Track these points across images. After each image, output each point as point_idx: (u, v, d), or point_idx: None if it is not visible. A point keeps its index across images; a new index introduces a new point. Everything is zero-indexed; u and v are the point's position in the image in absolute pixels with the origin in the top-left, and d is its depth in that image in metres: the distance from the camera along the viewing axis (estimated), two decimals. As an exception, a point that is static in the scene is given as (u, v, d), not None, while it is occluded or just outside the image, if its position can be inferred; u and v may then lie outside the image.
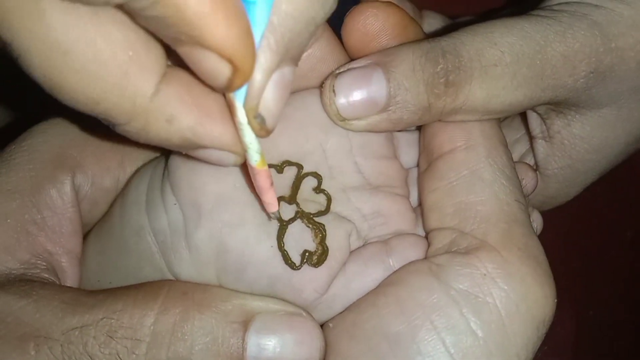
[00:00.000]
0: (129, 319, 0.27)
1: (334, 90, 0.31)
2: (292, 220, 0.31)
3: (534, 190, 0.37)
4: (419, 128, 0.35)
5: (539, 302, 0.28)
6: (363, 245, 0.32)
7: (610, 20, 0.32)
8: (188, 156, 0.30)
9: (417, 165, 0.35)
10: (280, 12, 0.23)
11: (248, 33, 0.21)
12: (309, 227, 0.31)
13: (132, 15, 0.21)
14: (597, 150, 0.37)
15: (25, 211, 0.31)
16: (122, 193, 0.34)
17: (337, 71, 0.32)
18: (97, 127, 0.34)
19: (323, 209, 0.31)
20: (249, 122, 0.24)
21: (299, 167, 0.31)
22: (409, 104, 0.31)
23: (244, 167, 0.28)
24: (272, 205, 0.29)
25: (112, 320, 0.27)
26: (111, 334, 0.27)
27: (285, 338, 0.28)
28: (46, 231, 0.32)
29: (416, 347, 0.28)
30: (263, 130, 0.25)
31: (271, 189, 0.28)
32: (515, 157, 0.41)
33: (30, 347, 0.27)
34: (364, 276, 0.31)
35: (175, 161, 0.31)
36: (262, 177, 0.27)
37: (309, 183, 0.32)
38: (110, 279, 0.33)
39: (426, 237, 0.33)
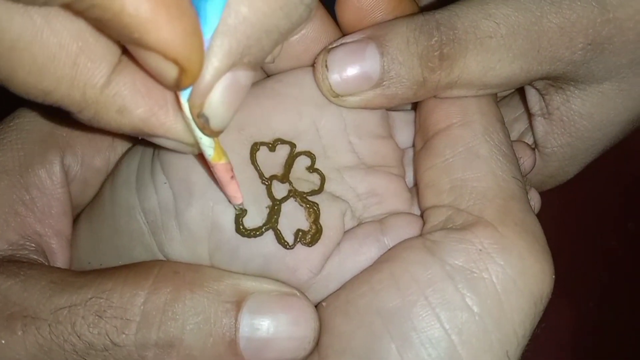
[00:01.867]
0: (118, 299, 0.27)
1: (326, 66, 0.30)
2: (285, 199, 0.30)
3: (532, 169, 0.37)
4: (415, 107, 0.34)
5: (536, 277, 0.28)
6: (357, 224, 0.32)
7: None
8: None
9: (413, 145, 0.34)
10: (238, 15, 0.22)
11: (194, 33, 0.21)
12: (302, 206, 0.30)
13: (76, 14, 0.21)
14: (597, 128, 0.36)
15: (13, 191, 0.31)
16: (112, 173, 0.33)
17: (330, 46, 0.31)
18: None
19: (317, 189, 0.31)
20: (194, 121, 0.24)
21: (292, 145, 0.31)
22: (403, 78, 0.30)
23: (205, 162, 0.27)
24: (236, 198, 0.28)
25: (102, 300, 0.27)
26: (100, 314, 0.26)
27: (279, 318, 0.28)
28: (35, 212, 0.31)
29: (410, 323, 0.27)
30: (207, 130, 0.24)
31: (232, 181, 0.27)
32: (514, 136, 0.41)
33: (18, 327, 0.26)
34: (359, 255, 0.30)
35: None
36: (219, 171, 0.27)
37: (302, 162, 0.31)
38: (101, 260, 0.32)
39: (422, 216, 0.32)
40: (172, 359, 0.27)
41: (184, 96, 0.23)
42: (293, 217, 0.30)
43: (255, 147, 0.30)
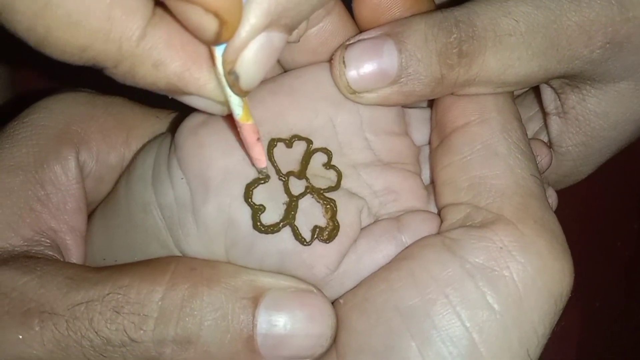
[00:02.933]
0: (136, 295, 0.27)
1: (344, 62, 0.30)
2: (302, 195, 0.30)
3: (548, 167, 0.37)
4: (431, 104, 0.34)
5: (556, 276, 0.28)
6: (374, 222, 0.32)
7: None
8: (194, 129, 0.30)
9: (429, 142, 0.34)
10: None
11: None
12: (319, 202, 0.30)
13: None
14: (612, 127, 0.36)
15: (28, 187, 0.30)
16: (127, 169, 0.33)
17: (347, 42, 0.31)
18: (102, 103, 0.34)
19: (333, 185, 0.31)
20: (225, 77, 0.24)
21: (309, 142, 0.31)
22: (421, 75, 0.30)
23: (233, 123, 0.28)
24: (260, 161, 0.28)
25: (119, 296, 0.27)
26: (118, 310, 0.26)
27: (296, 315, 0.28)
28: (50, 208, 0.31)
29: (431, 321, 0.27)
30: (236, 88, 0.24)
31: (258, 143, 0.27)
32: (529, 135, 0.41)
33: (35, 323, 0.26)
34: (375, 252, 0.30)
35: (182, 135, 0.30)
36: (247, 131, 0.27)
37: (318, 159, 0.31)
38: (116, 256, 0.32)
39: (439, 214, 0.32)
40: (189, 355, 0.27)
41: (218, 51, 0.23)
42: (310, 214, 0.30)
43: (272, 143, 0.30)
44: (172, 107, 0.35)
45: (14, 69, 0.50)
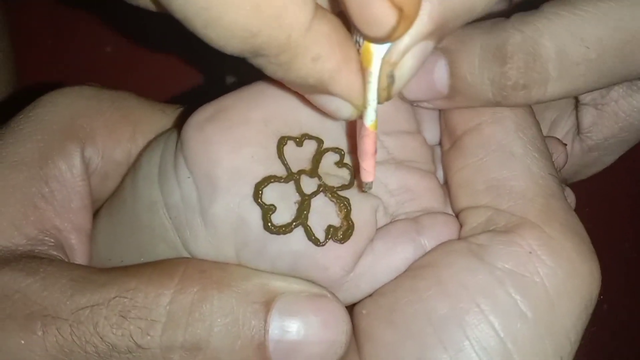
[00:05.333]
0: (143, 298, 0.26)
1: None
2: (315, 194, 0.29)
3: (564, 166, 0.35)
4: None
5: (585, 279, 0.27)
6: (391, 222, 0.31)
7: None
8: (201, 126, 0.29)
9: (440, 144, 0.33)
10: None
11: None
12: (332, 201, 0.29)
13: None
14: None
15: (32, 184, 0.29)
16: (133, 166, 0.32)
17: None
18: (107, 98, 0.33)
19: (347, 183, 0.30)
20: (380, 77, 0.24)
21: (319, 141, 0.30)
22: (473, 98, 0.29)
23: (352, 129, 0.28)
24: (369, 174, 0.27)
25: (125, 300, 0.26)
26: (124, 314, 0.25)
27: (310, 320, 0.26)
28: (54, 205, 0.30)
29: (463, 331, 0.26)
30: (386, 92, 0.25)
31: (374, 156, 0.27)
32: (546, 124, 0.39)
33: (38, 327, 0.25)
34: (393, 254, 0.29)
35: (189, 133, 0.29)
36: (370, 140, 0.27)
37: (330, 158, 0.30)
38: (122, 257, 0.31)
39: (456, 217, 0.31)
40: None
41: (379, 51, 0.24)
42: (323, 213, 0.28)
43: (282, 141, 0.29)
44: (178, 102, 0.35)
45: (19, 61, 0.49)
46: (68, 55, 0.53)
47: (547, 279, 0.26)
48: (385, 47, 0.24)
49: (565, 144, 0.37)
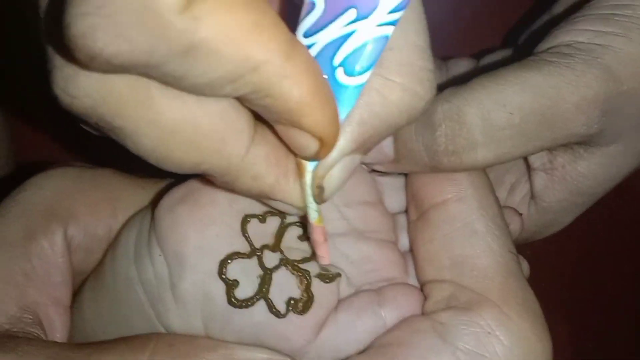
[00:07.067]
0: None
1: None
2: (277, 267, 0.31)
3: (519, 233, 0.37)
4: (404, 173, 0.35)
5: (539, 356, 0.29)
6: (355, 292, 0.32)
7: (619, 61, 0.31)
8: (172, 207, 0.31)
9: (406, 212, 0.35)
10: (372, 112, 0.25)
11: (337, 116, 0.24)
12: (293, 274, 0.31)
13: (245, 102, 0.24)
14: (599, 186, 0.36)
15: (15, 262, 0.32)
16: (112, 244, 0.34)
17: None
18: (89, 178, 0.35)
19: (308, 256, 0.31)
20: (311, 188, 0.27)
21: (282, 216, 0.32)
22: (414, 164, 0.32)
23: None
24: (325, 259, 0.30)
25: None
26: None
27: None
28: (35, 281, 0.32)
29: None
30: (319, 198, 0.28)
31: (325, 243, 0.30)
32: (505, 188, 0.41)
33: None
34: (355, 326, 0.31)
35: (160, 212, 0.31)
36: (318, 233, 0.29)
37: (293, 232, 0.32)
38: (103, 328, 0.33)
39: (421, 288, 0.33)
40: None
41: (310, 167, 0.27)
42: (285, 286, 0.30)
43: (245, 220, 0.31)
44: (157, 176, 0.37)
45: (14, 141, 0.52)
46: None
47: (505, 358, 0.28)
48: (315, 162, 0.27)
49: (521, 214, 0.38)
